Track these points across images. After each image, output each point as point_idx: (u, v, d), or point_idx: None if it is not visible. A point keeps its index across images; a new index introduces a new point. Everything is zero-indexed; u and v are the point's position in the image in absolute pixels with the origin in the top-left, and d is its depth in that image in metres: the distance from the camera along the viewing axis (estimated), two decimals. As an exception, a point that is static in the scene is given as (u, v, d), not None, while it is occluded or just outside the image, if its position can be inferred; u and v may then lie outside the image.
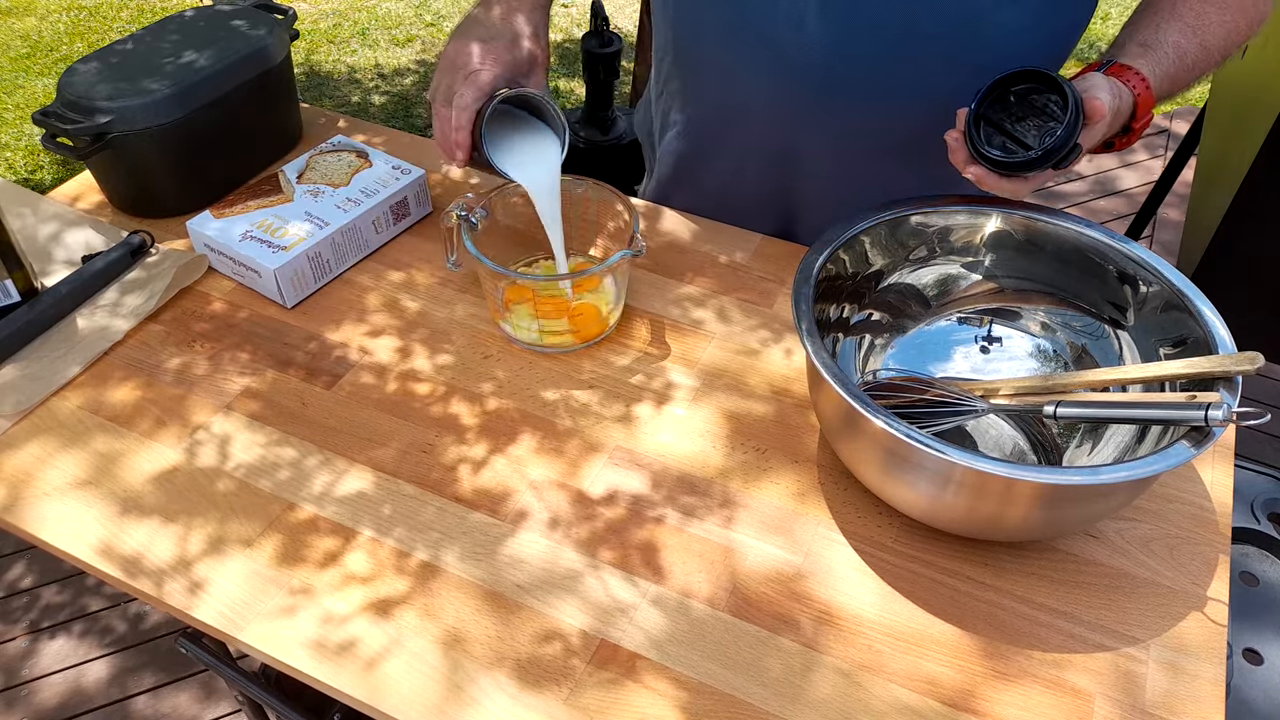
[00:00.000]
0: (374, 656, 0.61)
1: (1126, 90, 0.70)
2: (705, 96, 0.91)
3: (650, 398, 0.78)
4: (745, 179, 0.94)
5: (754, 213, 0.96)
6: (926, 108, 0.77)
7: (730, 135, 0.92)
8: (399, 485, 0.71)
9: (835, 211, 0.75)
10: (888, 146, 0.85)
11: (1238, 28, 0.75)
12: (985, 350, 0.79)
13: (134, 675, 1.53)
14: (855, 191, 0.83)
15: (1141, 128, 0.72)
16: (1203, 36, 0.73)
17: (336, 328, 0.84)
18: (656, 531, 0.69)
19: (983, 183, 0.70)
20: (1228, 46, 0.75)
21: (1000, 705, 0.59)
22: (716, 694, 0.60)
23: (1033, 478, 0.57)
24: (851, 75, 0.73)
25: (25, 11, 3.32)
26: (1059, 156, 0.66)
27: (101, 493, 0.70)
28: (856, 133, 0.84)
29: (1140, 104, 0.71)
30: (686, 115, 0.94)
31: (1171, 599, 0.65)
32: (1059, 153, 0.66)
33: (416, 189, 0.93)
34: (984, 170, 0.69)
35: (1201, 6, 0.74)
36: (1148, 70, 0.71)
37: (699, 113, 0.93)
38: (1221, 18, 0.74)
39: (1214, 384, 0.61)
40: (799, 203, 0.94)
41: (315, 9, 3.38)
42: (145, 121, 0.87)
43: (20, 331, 0.80)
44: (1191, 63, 0.73)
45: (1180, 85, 0.74)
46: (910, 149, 0.82)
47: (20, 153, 2.65)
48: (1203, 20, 0.73)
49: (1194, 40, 0.73)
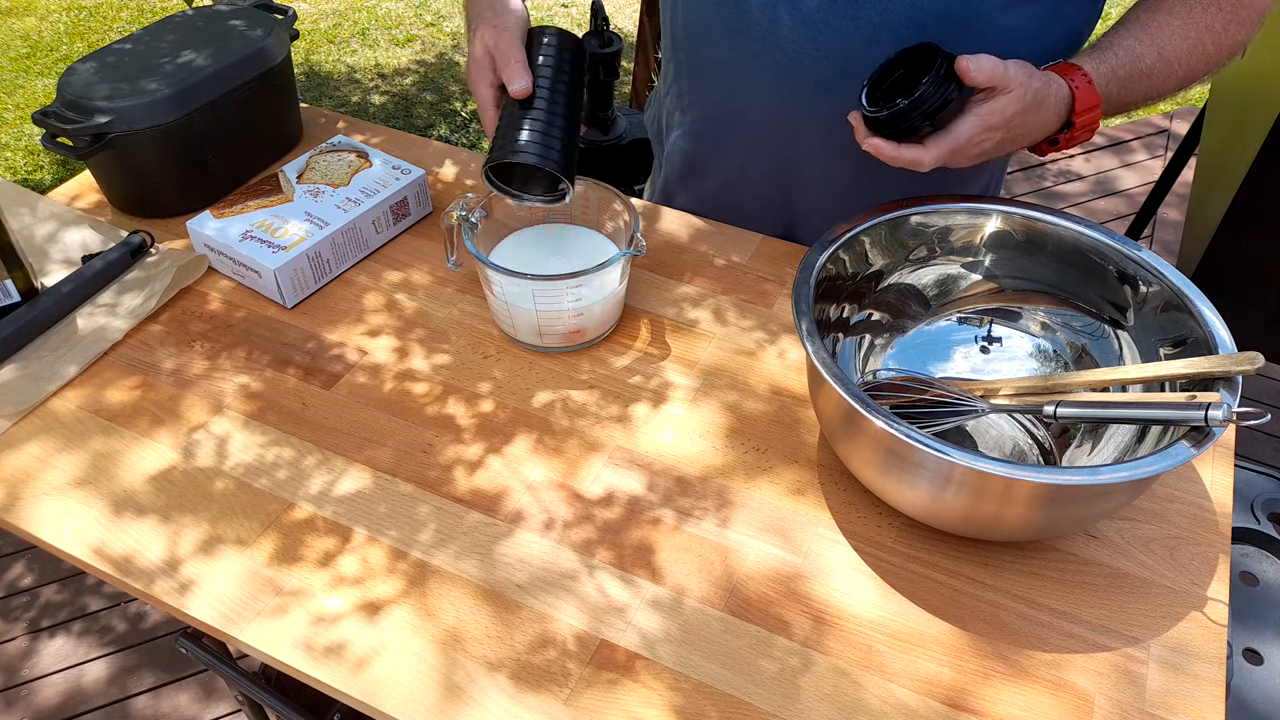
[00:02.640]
0: (372, 656, 0.61)
1: (1059, 80, 0.71)
2: (708, 98, 0.92)
3: (649, 398, 0.78)
4: (747, 180, 0.95)
5: (756, 214, 0.96)
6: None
7: (732, 137, 0.92)
8: (397, 485, 0.71)
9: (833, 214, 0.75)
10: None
11: (1203, 48, 0.74)
12: (985, 350, 0.79)
13: (134, 675, 1.53)
14: (856, 195, 0.83)
15: (1084, 123, 0.72)
16: (1160, 45, 0.73)
17: (335, 327, 0.84)
18: (655, 531, 0.69)
19: (881, 152, 0.71)
20: (1192, 64, 0.74)
21: (1000, 705, 0.59)
22: (715, 694, 0.60)
23: (1033, 478, 0.57)
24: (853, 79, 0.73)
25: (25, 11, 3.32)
26: (926, 108, 0.69)
27: (100, 492, 0.70)
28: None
29: (1078, 97, 0.71)
30: (691, 116, 0.95)
31: (1171, 599, 0.65)
32: (925, 104, 0.68)
33: (416, 189, 0.93)
34: (880, 140, 0.71)
35: (1164, 18, 0.74)
36: (1090, 67, 0.72)
37: (703, 114, 0.93)
38: (1184, 31, 0.73)
39: (1214, 384, 0.61)
40: (801, 205, 0.94)
41: (315, 9, 3.38)
42: (145, 121, 0.87)
43: (20, 331, 0.80)
44: (1148, 68, 0.73)
45: (1136, 90, 0.74)
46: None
47: (20, 153, 2.65)
48: (1163, 30, 0.73)
49: (1150, 47, 0.73)
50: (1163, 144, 2.71)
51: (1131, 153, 2.69)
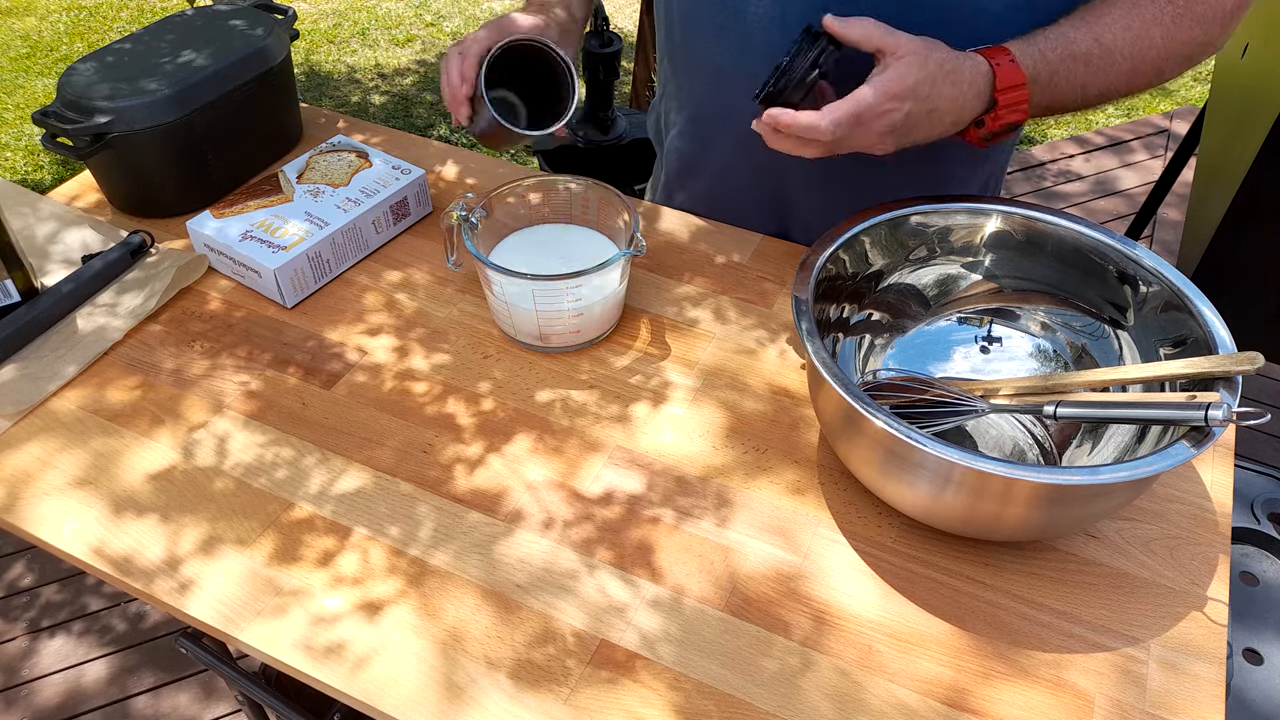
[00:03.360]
0: (372, 656, 0.61)
1: (978, 57, 0.70)
2: (698, 97, 0.92)
3: (649, 397, 0.78)
4: (738, 179, 0.95)
5: (750, 212, 0.96)
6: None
7: (723, 135, 0.92)
8: (397, 484, 0.71)
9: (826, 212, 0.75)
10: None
11: (1150, 40, 0.72)
12: (985, 350, 0.79)
13: (134, 675, 1.53)
14: (845, 191, 0.84)
15: (1009, 102, 0.71)
16: (1098, 33, 0.72)
17: (335, 327, 0.84)
18: (655, 531, 0.69)
19: (777, 121, 0.70)
20: (1139, 55, 0.73)
21: (1000, 705, 0.59)
22: (715, 694, 0.60)
23: (1033, 478, 0.57)
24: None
25: (25, 11, 3.32)
26: (795, 76, 0.70)
27: (100, 492, 0.70)
28: None
29: (999, 74, 0.70)
30: (685, 116, 0.95)
31: (1171, 599, 0.65)
32: (793, 72, 0.70)
33: (416, 189, 0.93)
34: (775, 109, 0.70)
35: (1104, 7, 0.73)
36: (1015, 48, 0.71)
37: (694, 113, 0.94)
38: (1126, 21, 0.72)
39: (1214, 384, 0.61)
40: (792, 203, 0.95)
41: (315, 9, 3.38)
42: (145, 121, 0.87)
43: (20, 331, 0.80)
44: (1084, 53, 0.72)
45: (1074, 76, 0.72)
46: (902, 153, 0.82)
47: (20, 153, 2.65)
48: (1102, 19, 0.72)
49: (1086, 33, 0.72)
50: (1163, 144, 2.71)
51: (1131, 153, 2.69)
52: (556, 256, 0.84)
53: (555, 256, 0.84)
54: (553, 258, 0.84)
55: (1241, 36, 1.60)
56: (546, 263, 0.83)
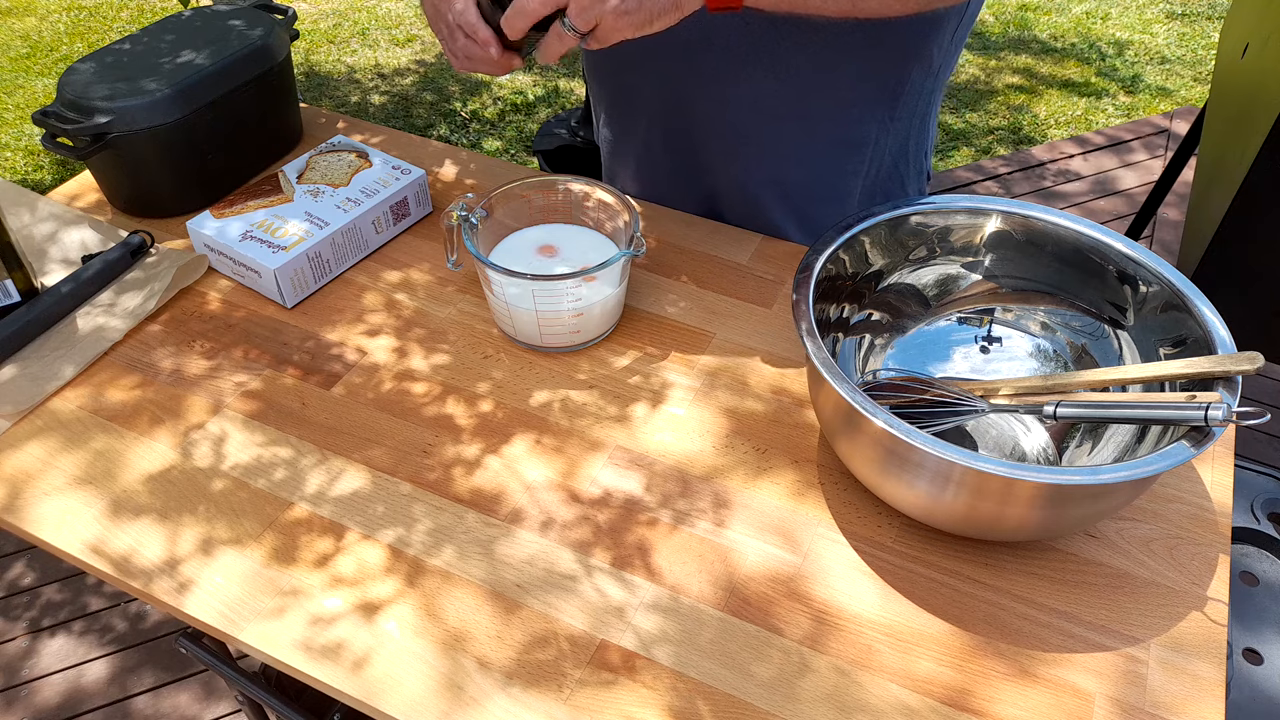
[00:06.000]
0: (372, 656, 0.61)
1: None
2: (608, 81, 0.96)
3: (649, 398, 0.78)
4: (658, 156, 0.98)
5: (675, 191, 0.99)
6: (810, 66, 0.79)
7: (634, 117, 0.96)
8: (396, 485, 0.71)
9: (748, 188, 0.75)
10: (778, 110, 0.87)
11: None
12: (985, 350, 0.79)
13: (134, 675, 1.53)
14: (763, 161, 0.86)
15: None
16: None
17: (334, 327, 0.84)
18: (654, 531, 0.69)
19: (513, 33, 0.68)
20: None
21: (1000, 705, 0.59)
22: (715, 694, 0.60)
23: (1033, 478, 0.57)
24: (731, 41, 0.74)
25: (25, 11, 3.32)
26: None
27: (100, 492, 0.70)
28: (745, 100, 0.87)
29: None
30: (604, 105, 0.99)
31: (1171, 599, 0.65)
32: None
33: (416, 189, 0.93)
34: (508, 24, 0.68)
35: None
36: None
37: (608, 97, 0.98)
38: None
39: (1214, 384, 0.61)
40: (712, 179, 0.97)
41: (315, 9, 3.38)
42: (145, 121, 0.87)
43: (20, 331, 0.80)
44: None
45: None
46: (802, 108, 0.85)
47: (20, 153, 2.65)
48: None
49: None
50: (1163, 144, 2.71)
51: (1131, 153, 2.69)
52: (556, 257, 0.84)
53: (555, 256, 0.84)
54: (553, 258, 0.84)
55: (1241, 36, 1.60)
56: (546, 263, 0.83)
